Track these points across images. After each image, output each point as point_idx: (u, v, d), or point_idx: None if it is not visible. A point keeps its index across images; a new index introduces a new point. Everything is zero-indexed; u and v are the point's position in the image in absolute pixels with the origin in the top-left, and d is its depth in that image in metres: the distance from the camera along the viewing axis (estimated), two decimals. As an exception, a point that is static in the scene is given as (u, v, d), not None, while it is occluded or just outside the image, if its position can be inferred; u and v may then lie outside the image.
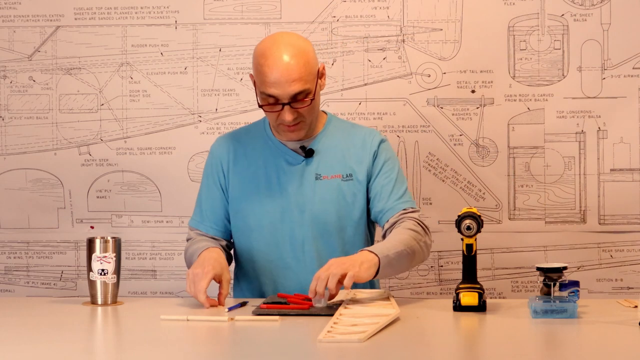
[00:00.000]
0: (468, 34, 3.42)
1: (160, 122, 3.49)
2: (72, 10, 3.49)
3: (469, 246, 2.53)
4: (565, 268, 2.46)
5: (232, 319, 2.41)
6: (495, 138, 3.42)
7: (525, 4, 3.40)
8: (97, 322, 2.51)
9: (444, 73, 3.42)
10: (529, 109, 3.41)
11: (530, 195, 3.43)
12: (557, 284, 2.45)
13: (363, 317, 2.34)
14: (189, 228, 2.88)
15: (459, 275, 2.57)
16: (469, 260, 2.54)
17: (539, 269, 2.47)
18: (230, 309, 2.53)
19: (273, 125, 2.77)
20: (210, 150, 2.90)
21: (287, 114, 2.67)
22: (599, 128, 3.40)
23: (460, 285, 2.53)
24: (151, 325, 2.42)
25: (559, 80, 3.41)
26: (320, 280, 2.48)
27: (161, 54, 3.48)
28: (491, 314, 2.49)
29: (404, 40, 3.43)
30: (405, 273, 3.40)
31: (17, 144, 3.52)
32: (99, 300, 2.65)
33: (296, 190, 2.77)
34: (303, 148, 2.79)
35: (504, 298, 3.41)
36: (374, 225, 2.87)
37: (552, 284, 2.45)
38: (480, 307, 2.50)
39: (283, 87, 2.64)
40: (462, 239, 2.53)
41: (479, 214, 2.53)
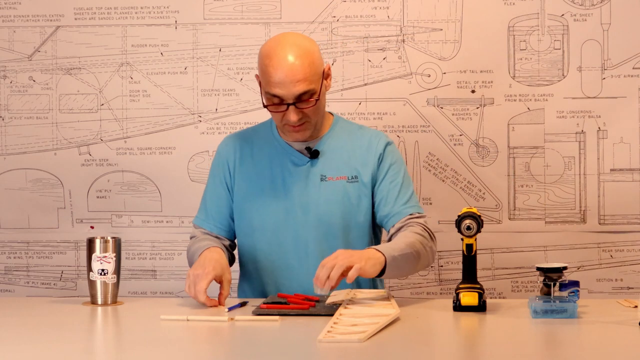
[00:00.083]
0: (468, 34, 3.42)
1: (160, 122, 3.49)
2: (72, 10, 3.49)
3: (469, 246, 2.53)
4: (565, 268, 2.46)
5: (232, 319, 2.40)
6: (495, 138, 3.42)
7: (525, 4, 3.40)
8: (97, 322, 2.51)
9: (444, 73, 3.42)
10: (529, 109, 3.41)
11: (530, 195, 3.43)
12: (557, 284, 2.45)
13: (363, 317, 2.34)
14: (193, 226, 2.88)
15: (459, 275, 2.57)
16: (469, 260, 2.54)
17: (539, 269, 2.47)
18: (230, 309, 2.53)
19: (278, 125, 2.77)
20: (217, 149, 2.89)
21: (292, 114, 2.67)
22: (599, 128, 3.40)
23: (460, 285, 2.53)
24: (151, 325, 2.42)
25: (559, 80, 3.41)
26: (325, 269, 2.47)
27: (161, 54, 3.48)
28: (491, 314, 2.49)
29: (404, 40, 3.43)
30: (406, 273, 3.40)
31: (17, 144, 3.52)
32: (99, 300, 2.65)
33: (301, 191, 2.77)
34: (308, 149, 2.78)
35: (504, 298, 3.40)
36: (379, 228, 2.85)
37: (552, 284, 2.45)
38: (480, 307, 2.50)
39: (288, 88, 2.64)
40: (462, 239, 2.53)
41: (479, 214, 2.53)
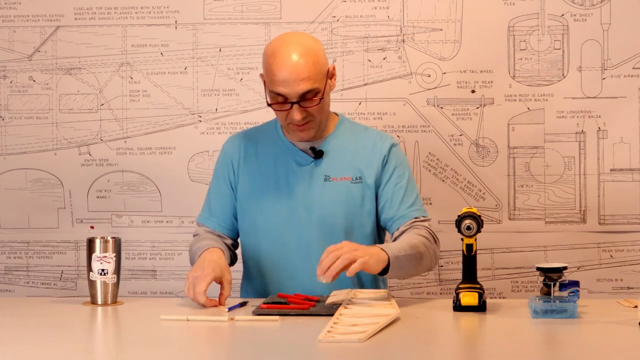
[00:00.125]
0: (468, 34, 3.42)
1: (160, 122, 3.49)
2: (72, 10, 3.49)
3: (469, 246, 2.53)
4: (565, 268, 2.46)
5: (232, 319, 2.40)
6: (495, 138, 3.42)
7: (525, 4, 3.40)
8: (97, 322, 2.51)
9: (444, 73, 3.42)
10: (529, 109, 3.41)
11: (530, 195, 3.43)
12: (557, 284, 2.45)
13: (363, 317, 2.34)
14: (197, 224, 2.88)
15: (459, 275, 2.57)
16: (469, 260, 2.54)
17: (539, 269, 2.47)
18: (230, 309, 2.53)
19: (283, 124, 2.76)
20: (222, 148, 2.89)
21: (296, 113, 2.67)
22: (599, 128, 3.40)
23: (460, 285, 2.53)
24: (151, 325, 2.42)
25: (559, 80, 3.41)
26: (329, 258, 2.46)
27: (161, 54, 3.48)
28: (491, 314, 2.49)
29: (404, 40, 3.43)
30: (405, 273, 3.40)
31: (17, 144, 3.52)
32: (99, 300, 2.65)
33: (304, 191, 2.76)
34: (313, 149, 2.78)
35: (504, 298, 3.40)
36: (383, 229, 2.84)
37: (552, 284, 2.45)
38: (480, 307, 2.50)
39: (291, 86, 2.64)
40: (462, 239, 2.53)
41: (479, 214, 2.53)
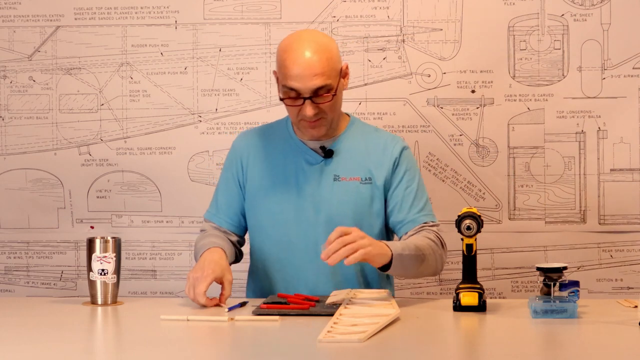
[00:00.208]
0: (468, 34, 3.42)
1: (160, 122, 3.49)
2: (72, 10, 3.49)
3: (469, 246, 2.53)
4: (565, 268, 2.46)
5: (232, 319, 2.40)
6: (495, 138, 3.42)
7: (525, 4, 3.40)
8: (97, 322, 2.51)
9: (444, 73, 3.42)
10: (529, 109, 3.41)
11: (530, 195, 3.42)
12: (557, 284, 2.45)
13: (363, 317, 2.34)
14: (204, 220, 2.89)
15: (459, 275, 2.57)
16: (469, 260, 2.54)
17: (539, 269, 2.47)
18: (230, 309, 2.53)
19: (294, 121, 2.76)
20: (232, 144, 2.90)
21: (308, 109, 2.66)
22: (599, 128, 3.40)
23: (460, 285, 2.53)
24: (151, 325, 2.42)
25: (559, 80, 3.41)
26: (337, 242, 2.45)
27: (161, 54, 3.48)
28: (491, 314, 2.49)
29: (404, 40, 3.43)
30: (405, 273, 3.40)
31: (17, 144, 3.51)
32: (99, 300, 2.65)
33: (313, 190, 2.76)
34: (323, 148, 2.78)
35: (504, 298, 3.40)
36: (392, 231, 2.84)
37: (552, 284, 2.45)
38: (480, 307, 2.50)
39: (305, 81, 2.64)
40: (462, 239, 2.53)
41: (479, 214, 2.53)
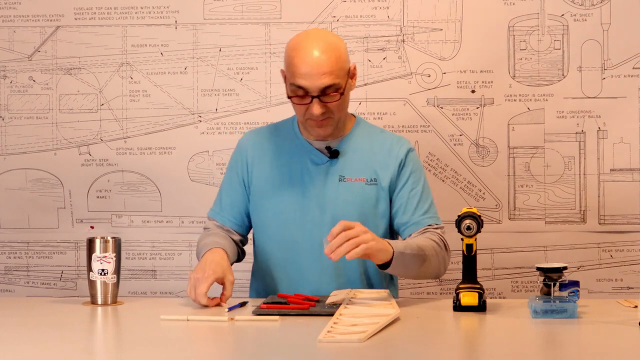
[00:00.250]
0: (468, 34, 3.42)
1: (160, 122, 3.49)
2: (72, 10, 3.49)
3: (469, 246, 2.53)
4: (565, 268, 2.46)
5: (232, 319, 2.40)
6: (495, 138, 3.42)
7: (525, 4, 3.40)
8: (97, 322, 2.51)
9: (444, 73, 3.42)
10: (529, 109, 3.41)
11: (530, 195, 3.42)
12: (557, 284, 2.45)
13: (363, 317, 2.34)
14: (207, 218, 2.89)
15: (459, 275, 2.57)
16: (469, 260, 2.54)
17: (539, 269, 2.47)
18: (230, 309, 2.53)
19: (301, 120, 2.76)
20: (238, 143, 2.90)
21: (316, 107, 2.66)
22: (599, 128, 3.40)
23: (460, 285, 2.53)
24: (151, 325, 2.42)
25: (559, 80, 3.41)
26: (340, 237, 2.45)
27: (161, 54, 3.48)
28: (491, 314, 2.49)
29: (404, 40, 3.43)
30: (405, 273, 3.40)
31: (17, 144, 3.51)
32: (99, 300, 2.65)
33: (319, 190, 2.76)
34: (329, 148, 2.78)
35: (504, 298, 3.40)
36: (396, 233, 2.84)
37: (552, 284, 2.45)
38: (480, 307, 2.50)
39: (313, 80, 2.64)
40: (462, 239, 2.53)
41: (479, 214, 2.53)
